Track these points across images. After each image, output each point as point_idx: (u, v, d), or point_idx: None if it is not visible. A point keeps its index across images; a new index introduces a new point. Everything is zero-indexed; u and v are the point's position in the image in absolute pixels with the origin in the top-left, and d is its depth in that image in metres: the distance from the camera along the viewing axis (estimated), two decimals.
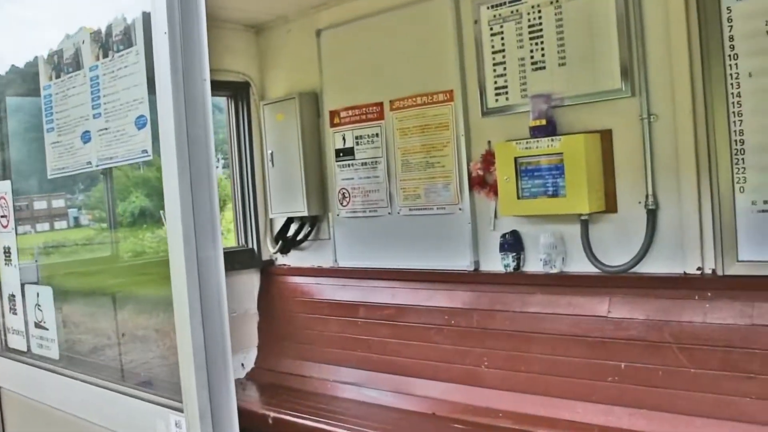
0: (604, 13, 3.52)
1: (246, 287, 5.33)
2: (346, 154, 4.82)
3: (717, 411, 3.15)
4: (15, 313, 3.11)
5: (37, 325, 2.97)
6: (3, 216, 3.08)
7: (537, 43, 3.78)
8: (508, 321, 3.90)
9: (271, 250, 5.34)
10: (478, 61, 4.05)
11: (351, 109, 4.76)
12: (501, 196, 3.85)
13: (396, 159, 4.52)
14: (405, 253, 4.50)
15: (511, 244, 3.96)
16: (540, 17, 3.76)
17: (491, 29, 3.97)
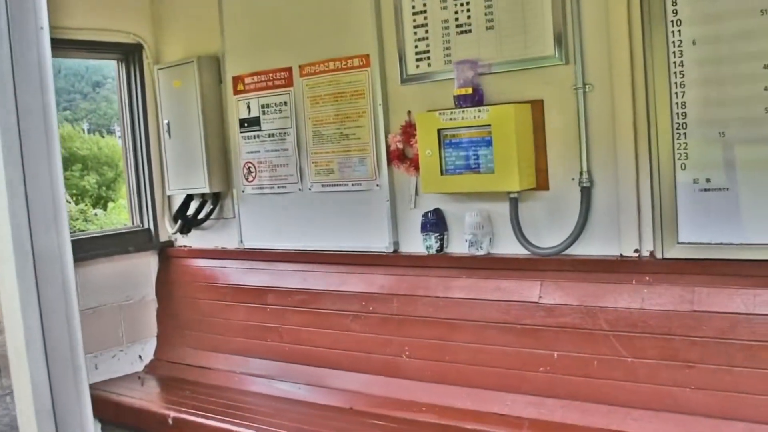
0: None
1: (142, 271, 4.85)
2: (251, 124, 4.39)
3: (655, 402, 2.95)
4: None
5: None
6: None
7: (462, 4, 3.44)
8: (430, 307, 3.60)
9: (170, 230, 4.86)
10: (396, 23, 3.68)
11: (256, 75, 4.33)
12: (423, 171, 3.53)
13: (307, 130, 4.13)
14: (317, 234, 4.14)
15: (434, 223, 3.65)
16: None
17: None
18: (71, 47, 4.58)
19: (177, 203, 4.81)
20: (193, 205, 4.73)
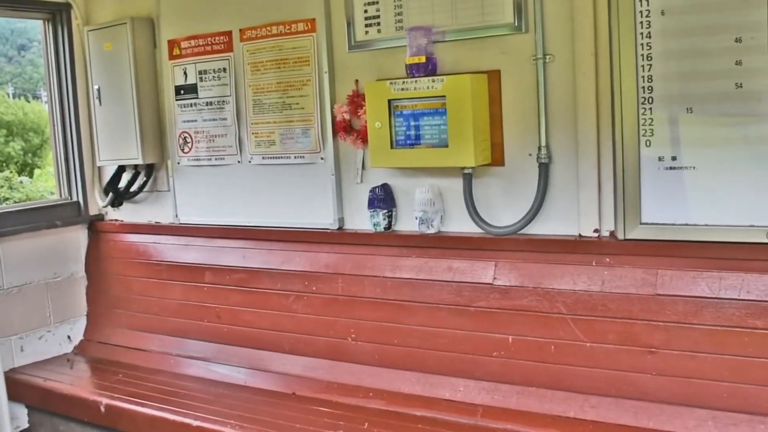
0: None
1: (71, 247, 4.43)
2: (187, 91, 4.01)
3: (614, 388, 2.75)
4: None
5: None
6: None
7: None
8: (378, 288, 3.33)
9: (100, 203, 4.45)
10: None
11: (194, 39, 3.94)
12: (371, 144, 3.22)
13: (247, 99, 3.77)
14: (258, 209, 3.81)
15: (382, 199, 3.36)
16: None
17: None
18: None
19: (108, 175, 4.40)
20: (125, 177, 4.33)
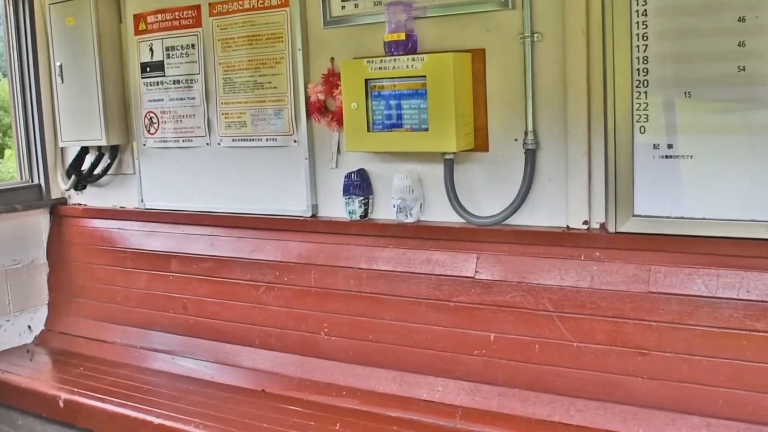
0: None
1: (31, 232, 4.14)
2: (154, 69, 3.72)
3: (603, 392, 2.54)
4: None
5: None
6: None
7: None
8: (353, 279, 3.08)
9: (63, 186, 4.16)
10: None
11: (160, 13, 3.64)
12: (347, 126, 2.96)
13: (216, 77, 3.49)
14: (227, 194, 3.54)
15: (358, 185, 3.11)
16: None
17: None
18: None
19: (71, 156, 4.10)
20: (89, 159, 4.03)
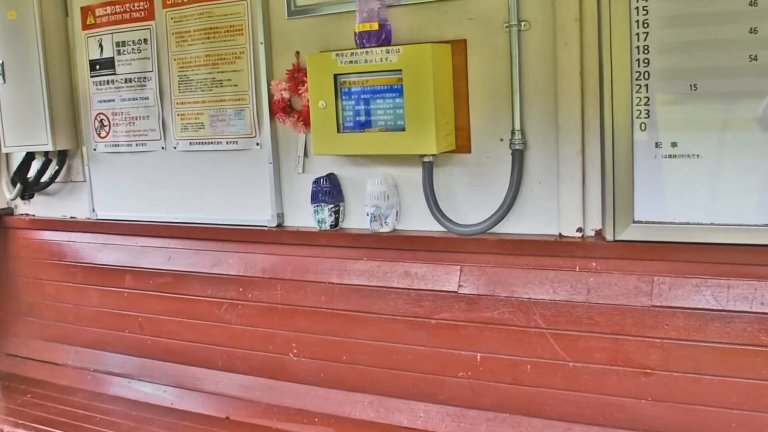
0: None
1: None
2: (104, 67, 3.36)
3: (602, 416, 2.26)
4: None
5: None
6: None
7: None
8: (323, 295, 2.77)
9: (8, 195, 3.78)
10: None
11: (110, 5, 3.28)
12: (314, 127, 2.64)
13: (171, 74, 3.14)
14: (184, 203, 3.19)
15: (328, 192, 2.79)
16: None
17: None
18: None
19: (16, 163, 3.72)
20: (35, 166, 3.66)
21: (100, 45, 3.35)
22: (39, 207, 3.73)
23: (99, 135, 3.42)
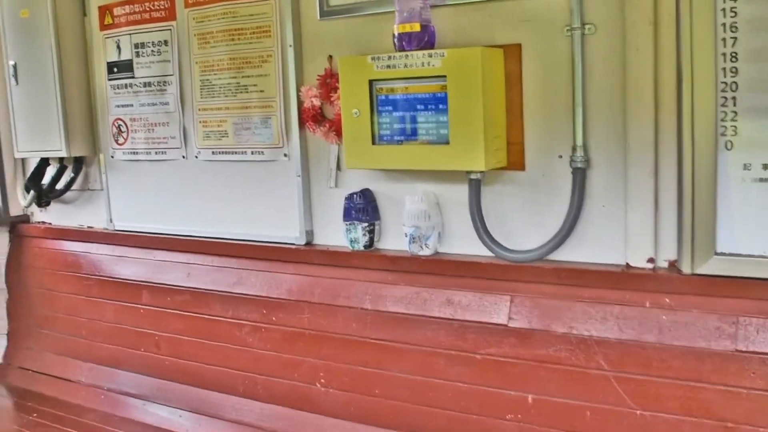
0: None
1: None
2: (122, 69, 3.05)
3: None
4: None
5: None
6: None
7: None
8: (355, 322, 2.43)
9: (22, 202, 3.49)
10: None
11: (129, 4, 2.97)
12: (346, 138, 2.30)
13: (193, 79, 2.83)
14: (206, 215, 2.88)
15: (362, 209, 2.45)
16: None
17: None
18: None
19: (31, 168, 3.42)
20: (50, 172, 3.36)
21: (117, 46, 3.04)
22: (55, 215, 3.44)
23: (117, 142, 3.11)
